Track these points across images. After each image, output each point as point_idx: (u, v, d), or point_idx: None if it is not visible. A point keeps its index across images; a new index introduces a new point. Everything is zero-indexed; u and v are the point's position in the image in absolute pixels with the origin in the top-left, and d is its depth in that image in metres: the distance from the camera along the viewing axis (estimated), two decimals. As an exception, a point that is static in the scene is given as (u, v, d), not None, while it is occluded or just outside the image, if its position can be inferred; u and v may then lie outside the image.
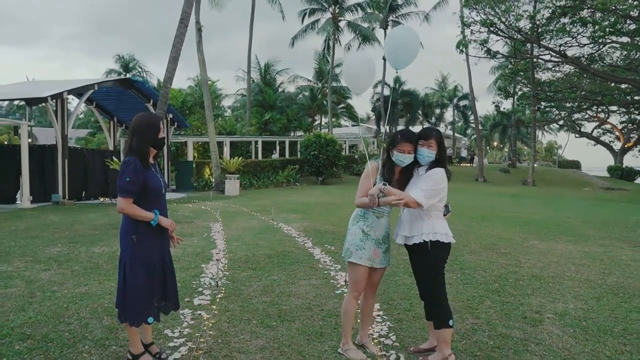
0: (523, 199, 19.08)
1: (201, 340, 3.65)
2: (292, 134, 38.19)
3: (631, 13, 20.98)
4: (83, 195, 16.40)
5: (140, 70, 43.15)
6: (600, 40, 23.67)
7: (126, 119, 20.58)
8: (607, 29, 21.45)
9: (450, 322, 3.25)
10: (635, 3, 20.52)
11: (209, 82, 31.67)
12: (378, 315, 4.27)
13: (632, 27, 21.76)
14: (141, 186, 3.05)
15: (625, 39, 24.20)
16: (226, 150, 25.90)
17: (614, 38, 23.84)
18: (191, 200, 15.90)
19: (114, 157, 14.85)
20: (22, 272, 5.69)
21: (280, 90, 40.32)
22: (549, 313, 4.39)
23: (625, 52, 28.22)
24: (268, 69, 37.96)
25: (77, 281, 5.35)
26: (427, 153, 3.29)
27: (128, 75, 38.70)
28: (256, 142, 28.72)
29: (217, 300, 4.69)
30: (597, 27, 22.40)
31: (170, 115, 21.12)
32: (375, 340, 3.68)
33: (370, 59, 3.87)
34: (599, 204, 18.04)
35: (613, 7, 19.93)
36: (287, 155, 29.63)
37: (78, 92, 16.02)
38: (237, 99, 44.33)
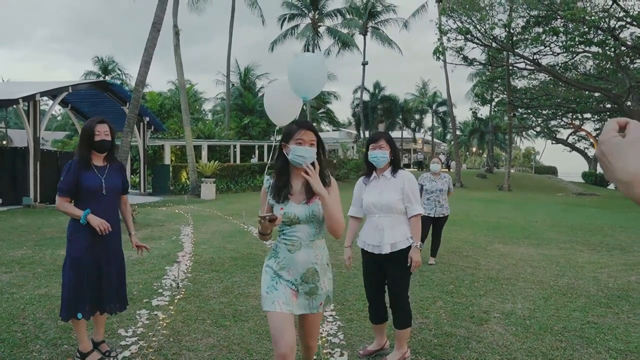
0: (497, 204, 19.44)
1: (153, 339, 3.72)
2: (273, 138, 38.21)
3: (602, 24, 21.62)
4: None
5: (119, 72, 42.76)
6: (571, 50, 24.29)
7: (102, 122, 20.40)
8: (577, 39, 22.06)
9: (411, 322, 3.48)
10: (603, 14, 21.13)
11: (188, 86, 31.55)
12: (330, 315, 4.39)
13: (602, 37, 22.39)
14: (73, 186, 3.18)
15: (596, 49, 24.90)
16: (204, 154, 25.85)
17: (585, 47, 24.52)
18: (165, 204, 15.86)
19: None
20: (-18, 275, 5.68)
21: (260, 94, 40.34)
22: (496, 312, 4.56)
23: (597, 62, 29.02)
24: (248, 73, 38.00)
25: (38, 283, 5.35)
26: (381, 154, 3.38)
27: (107, 78, 38.35)
28: (234, 146, 28.72)
29: (175, 301, 4.76)
30: (568, 36, 23.04)
31: (147, 119, 21.04)
32: (323, 339, 3.79)
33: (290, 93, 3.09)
34: (569, 208, 18.47)
35: (582, 18, 20.50)
36: (266, 160, 29.66)
37: (52, 94, 15.88)
38: (217, 103, 44.24)
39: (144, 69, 11.15)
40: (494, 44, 26.88)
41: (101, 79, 36.98)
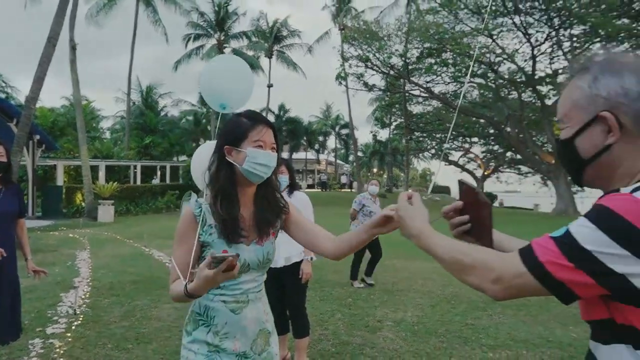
0: (395, 222, 20.56)
1: (49, 366, 3.62)
2: (176, 158, 37.22)
3: (483, 59, 24.08)
4: None
5: (3, 85, 39.32)
6: (459, 80, 26.69)
7: (-16, 140, 18.69)
8: (463, 70, 24.35)
9: (309, 331, 3.77)
10: (484, 50, 23.58)
11: (85, 102, 29.94)
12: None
13: (484, 70, 24.92)
14: None
15: (479, 80, 27.59)
16: (102, 174, 24.52)
17: (470, 79, 27.08)
18: (58, 228, 14.87)
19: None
20: None
21: (162, 113, 39.23)
22: (388, 321, 4.97)
23: (481, 91, 32.08)
24: (150, 92, 36.82)
25: None
26: (282, 179, 3.65)
27: (-12, 92, 35.13)
28: (135, 167, 27.59)
29: (73, 327, 4.61)
30: (456, 68, 25.37)
31: (37, 136, 19.64)
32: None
33: None
34: (459, 225, 20.05)
35: (467, 52, 22.73)
36: (168, 181, 28.81)
37: None
38: (117, 121, 42.28)
39: (36, 86, 10.54)
40: (391, 72, 28.72)
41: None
